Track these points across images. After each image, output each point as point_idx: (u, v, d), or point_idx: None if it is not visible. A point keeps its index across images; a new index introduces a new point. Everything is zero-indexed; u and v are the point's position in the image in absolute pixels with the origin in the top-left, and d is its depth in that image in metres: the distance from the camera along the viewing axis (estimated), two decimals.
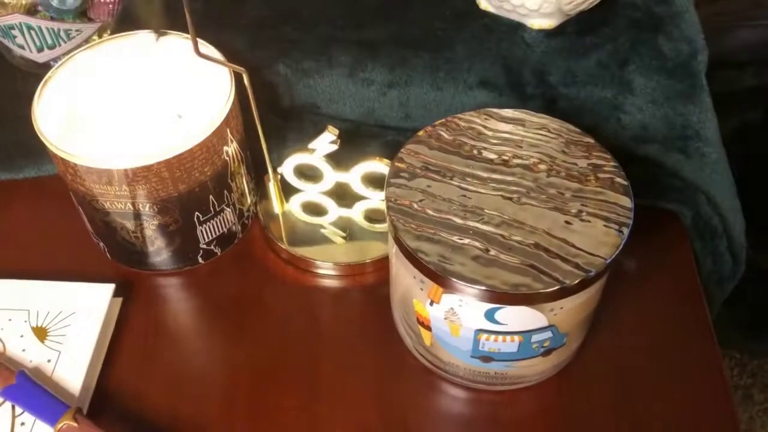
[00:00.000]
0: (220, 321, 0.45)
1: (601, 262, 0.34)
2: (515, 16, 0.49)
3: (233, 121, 0.44)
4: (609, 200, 0.36)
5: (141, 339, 0.44)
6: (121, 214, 0.43)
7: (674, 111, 0.47)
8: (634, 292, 0.45)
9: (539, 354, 0.38)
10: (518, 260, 0.34)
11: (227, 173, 0.45)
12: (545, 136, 0.39)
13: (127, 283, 0.47)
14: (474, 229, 0.35)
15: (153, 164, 0.40)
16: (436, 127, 0.40)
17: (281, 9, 0.51)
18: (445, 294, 0.35)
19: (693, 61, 0.47)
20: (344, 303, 0.46)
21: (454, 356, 0.39)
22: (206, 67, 0.45)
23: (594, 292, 0.37)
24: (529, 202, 0.36)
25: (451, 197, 0.37)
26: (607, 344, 0.43)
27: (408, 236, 0.35)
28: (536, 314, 0.35)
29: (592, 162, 0.38)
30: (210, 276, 0.48)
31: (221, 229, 0.47)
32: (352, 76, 0.49)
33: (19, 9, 0.54)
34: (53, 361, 0.41)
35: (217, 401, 0.41)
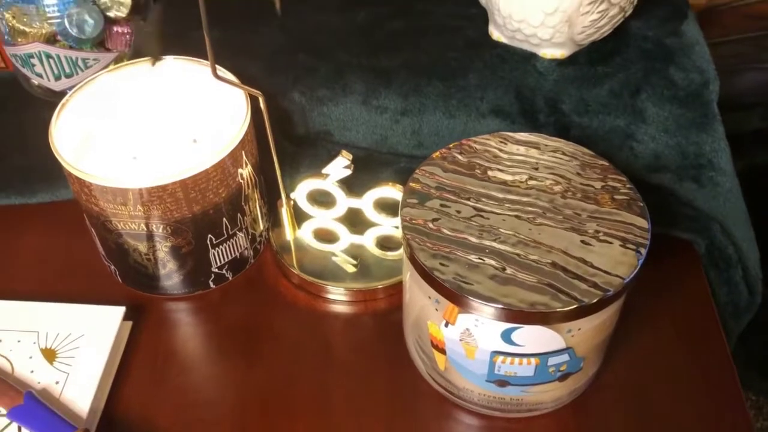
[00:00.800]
0: (231, 346, 0.45)
1: (620, 281, 0.34)
2: (527, 46, 0.49)
3: (248, 145, 0.44)
4: (626, 221, 0.36)
5: (150, 363, 0.44)
6: (134, 236, 0.43)
7: (687, 140, 0.47)
8: (649, 320, 0.45)
9: (556, 378, 0.38)
10: (535, 279, 0.34)
11: (241, 196, 0.45)
12: (560, 159, 0.39)
13: (137, 307, 0.46)
14: (490, 248, 0.35)
15: (168, 184, 0.40)
16: (450, 149, 0.40)
17: (296, 38, 0.52)
18: (461, 314, 0.35)
19: (705, 90, 0.47)
20: (356, 329, 0.46)
21: (469, 381, 0.38)
22: (222, 93, 0.46)
23: (611, 314, 0.36)
24: (546, 223, 0.36)
25: (466, 217, 0.37)
26: (623, 372, 0.43)
27: (423, 255, 0.35)
28: (553, 335, 0.35)
29: (607, 184, 0.38)
30: (221, 301, 0.47)
31: (233, 253, 0.46)
32: (366, 103, 0.49)
33: (39, 38, 0.55)
34: (61, 383, 0.41)
35: (227, 427, 0.41)
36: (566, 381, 0.38)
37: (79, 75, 0.56)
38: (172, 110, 0.48)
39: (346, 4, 0.55)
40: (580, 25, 0.46)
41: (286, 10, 0.54)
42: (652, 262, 0.47)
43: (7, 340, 0.43)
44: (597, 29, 0.47)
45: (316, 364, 0.43)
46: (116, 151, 0.46)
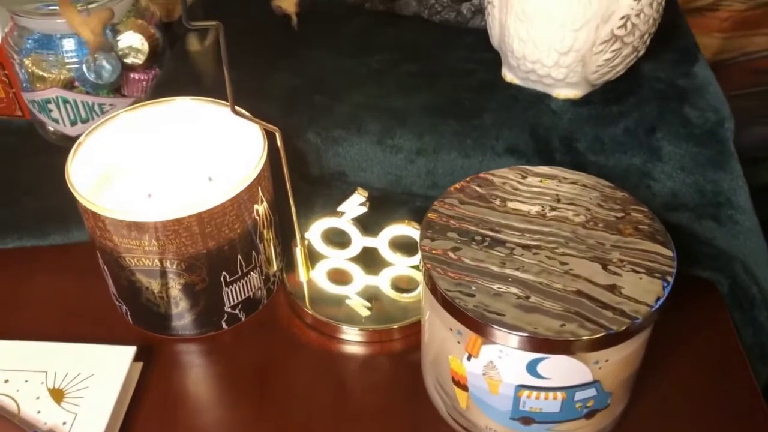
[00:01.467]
0: (244, 389, 0.43)
1: (647, 309, 0.33)
2: (541, 86, 0.50)
3: (264, 181, 0.44)
4: (649, 250, 0.36)
5: (161, 405, 0.42)
6: (148, 272, 0.42)
7: (704, 178, 0.47)
8: (674, 362, 0.44)
9: (582, 416, 0.36)
10: (561, 307, 0.33)
11: (256, 233, 0.44)
12: (580, 191, 0.39)
13: (148, 349, 0.45)
14: (513, 277, 0.34)
15: (184, 218, 0.40)
16: (468, 182, 0.40)
17: (311, 80, 0.52)
18: (485, 345, 0.34)
19: (720, 128, 0.47)
20: (372, 371, 0.44)
21: (492, 419, 0.37)
22: (238, 133, 0.46)
23: (638, 346, 0.35)
24: (568, 252, 0.35)
25: (487, 247, 0.36)
26: (649, 414, 0.41)
27: (445, 283, 0.34)
28: (580, 367, 0.33)
29: (629, 215, 0.38)
30: (233, 342, 0.46)
31: (247, 292, 0.46)
32: (381, 143, 0.49)
33: (57, 83, 0.55)
34: (69, 424, 0.39)
35: None
36: (593, 419, 0.37)
37: (95, 120, 0.57)
38: (188, 149, 0.48)
39: (360, 50, 0.56)
40: (593, 64, 0.47)
41: (300, 56, 0.55)
42: (674, 303, 0.46)
43: (15, 380, 0.41)
44: (611, 68, 0.47)
45: (330, 406, 0.42)
46: (132, 188, 0.46)
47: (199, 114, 0.48)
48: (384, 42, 0.56)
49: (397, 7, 0.59)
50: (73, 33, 0.54)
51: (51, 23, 0.53)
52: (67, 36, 0.54)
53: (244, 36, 0.58)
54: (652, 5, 0.45)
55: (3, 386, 0.41)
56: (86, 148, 0.45)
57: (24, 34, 0.55)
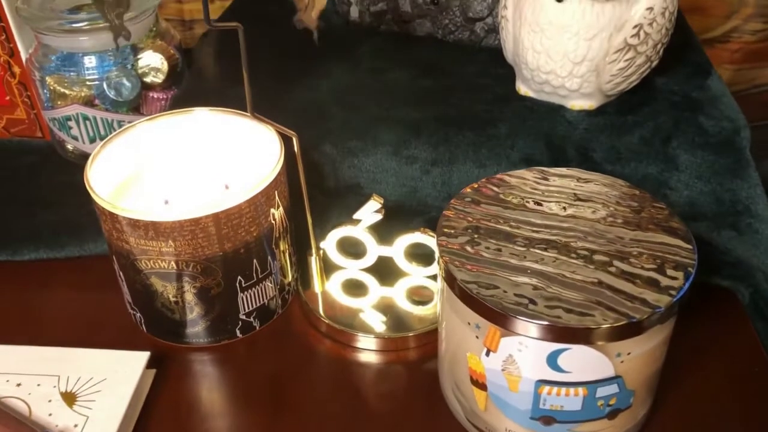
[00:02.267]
0: (257, 397, 0.42)
1: (669, 299, 0.32)
2: (555, 98, 0.50)
3: (281, 186, 0.44)
4: (669, 243, 0.35)
5: (173, 413, 0.42)
6: (164, 275, 0.42)
7: (722, 186, 0.47)
8: (698, 372, 0.43)
9: (605, 415, 0.35)
10: (582, 297, 0.32)
11: (272, 239, 0.44)
12: (598, 189, 0.39)
13: (161, 357, 0.45)
14: (532, 269, 0.34)
15: (201, 217, 0.40)
16: (485, 182, 0.40)
17: (327, 95, 0.53)
18: (504, 338, 0.33)
19: (736, 137, 0.47)
20: (388, 379, 0.44)
21: (512, 420, 0.36)
22: (255, 143, 0.46)
23: (661, 341, 0.34)
24: (588, 246, 0.35)
25: (505, 241, 0.36)
26: (674, 422, 0.40)
27: (462, 275, 0.34)
28: (602, 360, 0.33)
29: (647, 211, 0.37)
30: (247, 351, 0.46)
31: (262, 300, 0.45)
32: (396, 154, 0.49)
33: (78, 100, 0.56)
34: (80, 426, 0.39)
35: None
36: (615, 420, 0.36)
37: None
38: (205, 159, 0.48)
39: (375, 67, 0.56)
40: (607, 74, 0.47)
41: (317, 71, 0.56)
42: (695, 313, 0.45)
43: (27, 384, 0.41)
44: (624, 78, 0.47)
45: (345, 415, 0.41)
46: (149, 196, 0.46)
47: (216, 124, 0.48)
48: (399, 60, 0.57)
49: (411, 29, 0.60)
50: (95, 50, 0.55)
51: (74, 41, 0.54)
52: (89, 53, 0.55)
53: (263, 52, 0.59)
54: (664, 14, 0.45)
55: (15, 389, 0.41)
56: (105, 156, 0.45)
57: (48, 53, 0.56)
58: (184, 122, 0.48)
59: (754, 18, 0.90)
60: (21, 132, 0.64)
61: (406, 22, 0.60)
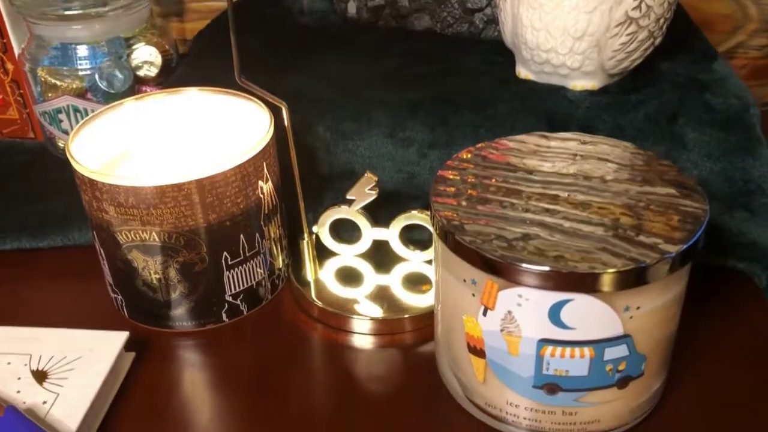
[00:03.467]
0: (243, 382, 0.40)
1: (680, 246, 0.30)
2: (556, 79, 0.49)
3: (270, 159, 0.42)
4: (680, 195, 0.33)
5: (151, 396, 0.39)
6: (145, 249, 0.40)
7: (732, 165, 0.45)
8: (715, 356, 0.40)
9: (614, 382, 0.32)
10: (587, 244, 0.30)
11: (261, 215, 0.42)
12: (603, 149, 0.37)
13: (143, 342, 0.42)
14: (532, 220, 0.32)
15: (184, 183, 0.38)
16: (483, 145, 0.38)
17: (321, 81, 0.52)
18: (502, 292, 0.31)
19: (746, 114, 0.46)
20: (383, 364, 0.41)
21: (513, 391, 0.33)
22: (246, 122, 0.45)
23: (673, 297, 0.32)
24: (593, 200, 0.33)
25: (503, 195, 0.34)
26: (689, 403, 0.37)
27: (457, 227, 0.32)
28: (609, 313, 0.30)
29: (654, 168, 0.35)
30: (234, 337, 0.43)
31: (250, 281, 0.43)
32: (392, 136, 0.48)
33: (69, 92, 0.55)
34: (49, 403, 0.36)
35: None
36: (626, 390, 0.33)
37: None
38: (195, 138, 0.47)
39: (372, 57, 0.55)
40: (609, 49, 0.46)
41: (312, 62, 0.55)
42: (710, 299, 0.43)
43: None
44: (627, 55, 0.46)
45: (339, 401, 0.38)
46: (134, 170, 0.44)
47: (206, 104, 0.47)
48: (396, 51, 0.56)
49: (409, 23, 0.59)
50: (88, 41, 0.54)
51: (67, 30, 0.54)
52: (82, 44, 0.54)
53: (258, 45, 0.58)
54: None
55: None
56: (89, 131, 0.44)
57: (41, 44, 0.55)
58: (173, 101, 0.47)
59: (760, 33, 0.89)
60: (13, 133, 0.63)
61: (404, 17, 0.59)
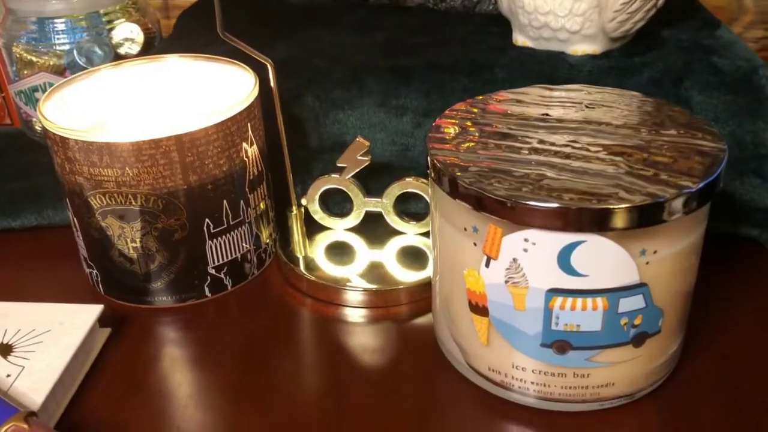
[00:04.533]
0: (227, 362, 0.36)
1: (698, 180, 0.27)
2: (555, 44, 0.46)
3: (255, 121, 0.40)
4: (694, 136, 0.31)
5: (127, 374, 0.36)
6: (120, 214, 0.37)
7: (741, 128, 0.43)
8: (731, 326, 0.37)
9: (630, 339, 0.30)
10: (599, 181, 0.28)
11: (245, 180, 0.39)
12: (610, 97, 0.35)
13: (120, 319, 0.39)
14: (537, 161, 0.29)
15: (162, 139, 0.35)
16: (481, 97, 0.36)
17: (311, 50, 0.49)
18: (507, 237, 0.28)
19: (754, 75, 0.43)
20: (378, 338, 0.38)
21: (520, 351, 0.30)
22: (228, 88, 0.42)
23: (690, 244, 0.29)
24: (602, 142, 0.31)
25: (506, 141, 0.31)
26: (706, 370, 0.34)
27: (456, 170, 0.29)
28: (624, 258, 0.28)
29: (665, 113, 0.33)
30: (217, 313, 0.40)
31: (234, 252, 0.40)
32: (384, 104, 0.45)
33: (46, 68, 0.53)
34: (13, 376, 0.33)
35: None
36: (643, 349, 0.30)
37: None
38: (175, 105, 0.44)
39: (362, 29, 0.53)
40: (610, 10, 0.44)
41: (302, 34, 0.53)
42: (723, 267, 0.41)
43: None
44: (629, 16, 0.44)
45: (330, 377, 0.35)
46: None
47: (187, 71, 0.44)
48: (389, 24, 0.54)
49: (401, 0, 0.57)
50: (66, 15, 0.52)
51: (44, 4, 0.51)
52: (60, 18, 0.52)
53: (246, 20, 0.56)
54: None
55: None
56: (62, 96, 0.41)
57: (17, 18, 0.53)
58: (153, 69, 0.44)
59: (756, 25, 0.87)
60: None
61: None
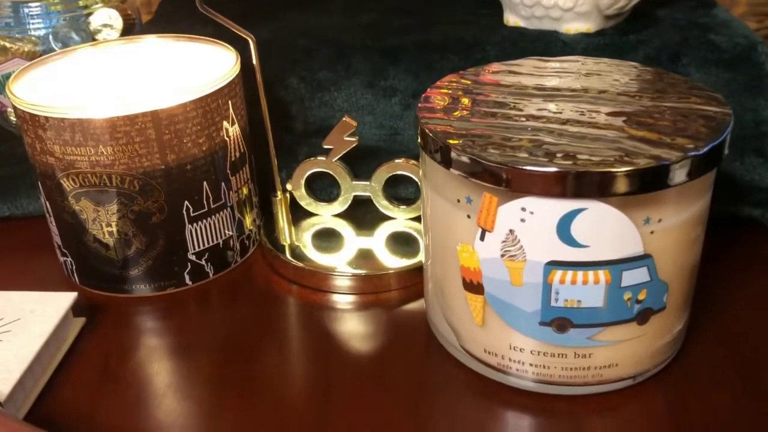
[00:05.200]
0: (209, 351, 0.35)
1: (704, 143, 0.26)
2: (548, 23, 0.45)
3: (236, 99, 0.38)
4: (699, 103, 0.29)
5: (102, 365, 0.34)
6: (95, 196, 0.35)
7: (741, 106, 0.41)
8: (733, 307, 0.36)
9: (634, 316, 0.28)
10: (599, 145, 0.26)
11: (227, 162, 0.38)
12: (608, 68, 0.33)
13: (96, 308, 0.37)
14: (535, 127, 0.28)
15: (138, 115, 0.34)
16: (471, 70, 0.34)
17: (296, 31, 0.48)
18: (503, 207, 0.27)
19: (753, 52, 0.42)
20: (367, 324, 0.36)
21: (517, 331, 0.29)
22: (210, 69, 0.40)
23: (696, 213, 0.28)
24: (601, 109, 0.29)
25: (500, 109, 0.30)
26: (713, 350, 0.33)
27: (448, 137, 0.27)
28: (627, 226, 0.26)
29: (666, 81, 0.31)
30: (199, 302, 0.38)
31: (216, 238, 0.38)
32: (372, 85, 0.44)
33: (20, 54, 0.51)
34: None
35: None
36: (647, 326, 0.29)
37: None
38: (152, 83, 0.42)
39: (348, 10, 0.51)
40: None
41: (285, 17, 0.51)
42: (724, 247, 0.39)
43: None
44: None
45: (316, 364, 0.34)
46: None
47: (167, 51, 0.43)
48: (375, 6, 0.52)
49: None
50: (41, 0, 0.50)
51: None
52: (34, 4, 0.50)
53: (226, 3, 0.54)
54: None
55: None
56: (36, 76, 0.39)
57: None
58: (130, 50, 0.43)
59: (747, 17, 0.87)
60: None
61: None
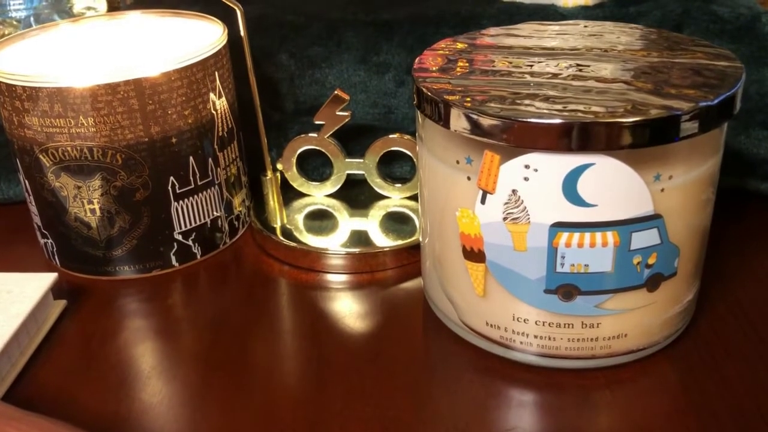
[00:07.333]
0: (196, 332, 0.33)
1: (716, 94, 0.25)
2: None
3: (224, 71, 0.36)
4: (708, 59, 0.28)
5: (84, 347, 0.32)
6: (75, 171, 0.33)
7: (746, 78, 0.40)
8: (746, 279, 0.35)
9: (644, 282, 0.27)
10: (606, 97, 0.25)
11: (214, 137, 0.36)
12: (611, 29, 0.32)
13: (77, 291, 0.36)
14: (537, 82, 0.26)
15: (120, 83, 0.32)
16: (468, 34, 0.33)
17: (285, 7, 0.46)
18: (505, 165, 0.25)
19: (757, 22, 0.41)
20: (362, 306, 0.34)
21: (522, 300, 0.27)
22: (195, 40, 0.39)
23: (707, 171, 0.26)
24: (605, 65, 0.28)
25: (501, 68, 0.28)
26: (723, 322, 0.31)
27: (446, 94, 0.26)
28: (636, 183, 0.24)
29: (671, 40, 0.30)
30: (186, 284, 0.36)
31: (203, 217, 0.37)
32: (365, 61, 0.42)
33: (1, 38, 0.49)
34: None
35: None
36: (657, 294, 0.27)
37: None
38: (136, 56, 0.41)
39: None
40: None
41: None
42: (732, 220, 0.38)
43: None
44: None
45: (310, 344, 0.32)
46: None
47: (151, 27, 0.41)
48: None
49: None
50: None
51: None
52: None
53: None
54: None
55: None
56: (14, 50, 0.38)
57: None
58: (113, 25, 0.41)
59: None
60: None
61: None
